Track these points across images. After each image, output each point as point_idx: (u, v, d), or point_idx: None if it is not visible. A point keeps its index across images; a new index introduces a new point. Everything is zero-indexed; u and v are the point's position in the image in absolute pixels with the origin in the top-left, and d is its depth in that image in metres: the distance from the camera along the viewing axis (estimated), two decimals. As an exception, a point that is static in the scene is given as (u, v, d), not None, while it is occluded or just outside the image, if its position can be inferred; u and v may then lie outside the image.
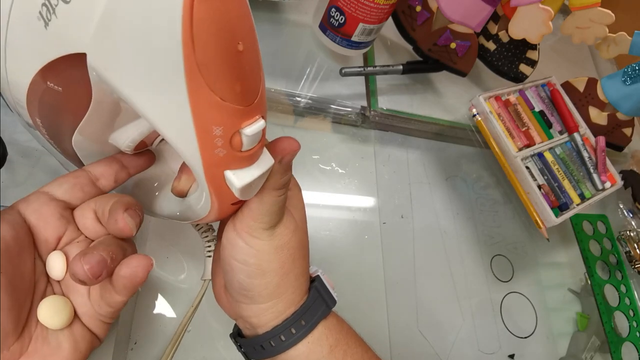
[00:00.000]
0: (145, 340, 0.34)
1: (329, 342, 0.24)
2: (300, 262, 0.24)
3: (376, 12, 0.43)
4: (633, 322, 0.51)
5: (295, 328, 0.23)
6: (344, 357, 0.24)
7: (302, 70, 0.49)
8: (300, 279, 0.24)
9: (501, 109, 0.50)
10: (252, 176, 0.20)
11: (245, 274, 0.23)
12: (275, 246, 0.23)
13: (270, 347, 0.24)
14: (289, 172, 0.23)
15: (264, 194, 0.22)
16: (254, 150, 0.20)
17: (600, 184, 0.51)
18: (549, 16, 0.44)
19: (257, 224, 0.22)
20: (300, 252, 0.24)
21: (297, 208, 0.25)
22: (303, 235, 0.25)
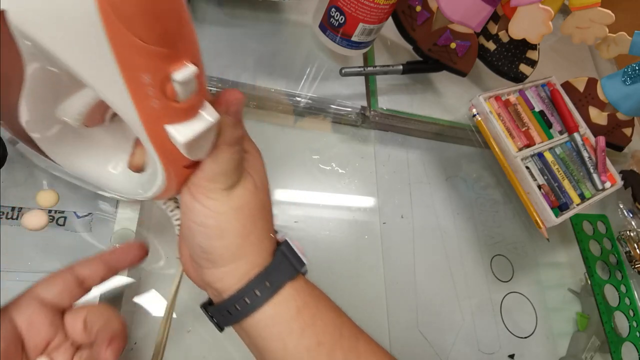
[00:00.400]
0: (145, 340, 0.34)
1: (297, 304, 0.23)
2: (262, 224, 0.24)
3: (376, 12, 0.43)
4: (633, 322, 0.51)
5: (260, 290, 0.23)
6: (312, 320, 0.23)
7: (302, 70, 0.49)
8: (263, 240, 0.24)
9: (501, 109, 0.50)
10: (194, 130, 0.19)
11: (205, 236, 0.23)
12: (233, 207, 0.22)
13: (237, 311, 0.23)
14: (239, 126, 0.22)
15: (217, 152, 0.21)
16: (192, 101, 0.19)
17: (600, 184, 0.51)
18: (549, 16, 0.44)
19: (213, 184, 0.22)
20: (261, 213, 0.24)
21: (256, 170, 0.25)
22: (264, 197, 0.25)
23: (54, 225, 0.35)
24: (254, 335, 0.24)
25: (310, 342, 0.23)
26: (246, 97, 0.45)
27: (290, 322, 0.23)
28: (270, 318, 0.23)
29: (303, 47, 0.51)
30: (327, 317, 0.24)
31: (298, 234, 0.43)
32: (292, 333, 0.23)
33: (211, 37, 0.47)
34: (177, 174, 0.22)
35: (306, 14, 0.52)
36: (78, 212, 0.36)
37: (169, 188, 0.23)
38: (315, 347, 0.23)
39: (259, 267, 0.23)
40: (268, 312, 0.23)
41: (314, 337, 0.23)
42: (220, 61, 0.45)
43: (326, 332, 0.23)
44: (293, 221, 0.43)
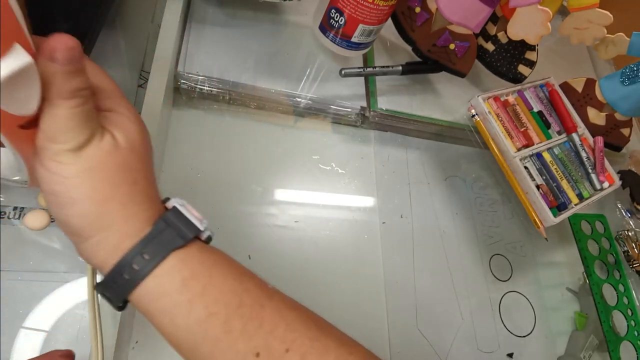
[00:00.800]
0: (146, 340, 0.34)
1: (182, 274, 0.21)
2: (126, 188, 0.21)
3: (376, 13, 0.43)
4: (631, 321, 0.51)
5: (138, 263, 0.21)
6: (202, 290, 0.21)
7: (302, 71, 0.49)
8: (129, 207, 0.21)
9: (500, 109, 0.50)
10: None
11: (57, 205, 0.20)
12: (82, 169, 0.20)
13: (117, 287, 0.21)
14: (74, 75, 0.19)
15: (51, 108, 0.19)
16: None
17: (599, 184, 0.51)
18: (548, 17, 0.45)
19: (56, 145, 0.20)
20: (124, 176, 0.21)
21: (123, 129, 0.22)
22: (130, 158, 0.22)
23: (55, 225, 0.35)
24: (143, 312, 0.22)
25: (200, 314, 0.21)
26: (246, 97, 0.46)
27: (176, 295, 0.21)
28: (153, 292, 0.21)
29: (303, 48, 0.51)
30: (222, 286, 0.22)
31: (298, 234, 0.43)
32: (178, 306, 0.21)
33: (211, 38, 0.47)
34: (18, 138, 0.20)
35: (306, 15, 0.52)
36: (79, 212, 0.36)
37: (28, 160, 0.21)
38: (206, 318, 0.21)
39: (133, 238, 0.21)
40: (150, 285, 0.21)
41: (204, 309, 0.21)
42: (220, 61, 0.45)
43: (220, 303, 0.21)
44: (293, 221, 0.43)
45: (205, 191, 0.42)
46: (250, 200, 0.43)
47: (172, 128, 0.43)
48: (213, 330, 0.21)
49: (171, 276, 0.21)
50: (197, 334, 0.21)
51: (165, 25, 0.43)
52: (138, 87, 0.43)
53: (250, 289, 0.23)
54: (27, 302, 0.33)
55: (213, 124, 0.45)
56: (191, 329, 0.21)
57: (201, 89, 0.43)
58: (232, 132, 0.46)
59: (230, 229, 0.41)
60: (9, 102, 0.18)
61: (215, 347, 0.21)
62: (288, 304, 0.23)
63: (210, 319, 0.21)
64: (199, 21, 0.47)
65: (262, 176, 0.45)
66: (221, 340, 0.21)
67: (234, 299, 0.22)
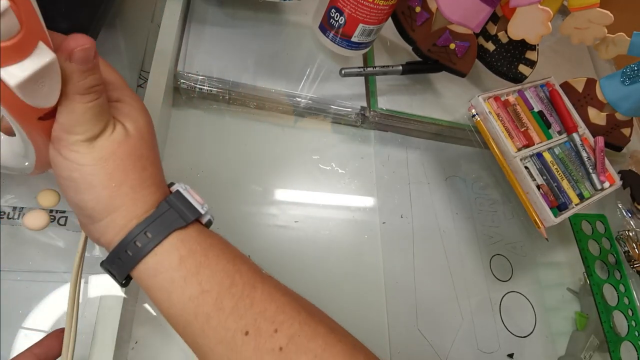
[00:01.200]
0: (145, 340, 0.34)
1: (180, 253, 0.23)
2: (136, 174, 0.23)
3: (376, 12, 0.43)
4: (632, 321, 0.51)
5: (141, 241, 0.22)
6: (197, 269, 0.22)
7: (302, 71, 0.49)
8: (138, 190, 0.23)
9: (500, 109, 0.50)
10: (26, 70, 0.18)
11: (74, 190, 0.22)
12: (97, 158, 0.22)
13: (121, 263, 0.23)
14: (89, 73, 0.21)
15: (68, 103, 0.21)
16: (17, 38, 0.18)
17: (599, 184, 0.51)
18: (548, 17, 0.45)
19: (72, 136, 0.21)
20: (134, 163, 0.23)
21: (131, 119, 0.24)
22: (138, 146, 0.23)
23: (55, 225, 0.35)
24: (143, 287, 0.23)
25: (194, 291, 0.22)
26: (246, 97, 0.46)
27: (172, 272, 0.22)
28: (153, 269, 0.22)
29: (303, 47, 0.51)
30: (216, 266, 0.23)
31: (298, 234, 0.43)
32: (174, 282, 0.22)
33: (211, 37, 0.47)
34: (35, 128, 0.21)
35: (306, 14, 0.52)
36: (79, 212, 0.36)
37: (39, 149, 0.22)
38: (199, 295, 0.22)
39: (138, 219, 0.23)
40: (150, 262, 0.22)
41: (198, 286, 0.22)
42: (220, 61, 0.45)
43: (213, 282, 0.22)
44: (293, 221, 0.43)
45: (205, 191, 0.42)
46: (250, 200, 0.43)
47: (172, 128, 0.43)
48: (205, 307, 0.22)
49: (170, 254, 0.22)
50: (190, 310, 0.22)
51: (165, 25, 0.43)
52: (138, 86, 0.43)
53: (243, 270, 0.24)
54: (27, 302, 0.33)
55: (213, 123, 0.45)
56: (185, 305, 0.22)
57: (201, 88, 0.43)
58: (232, 132, 0.46)
59: (230, 229, 0.41)
60: (34, 96, 0.19)
61: (206, 323, 0.22)
62: (280, 288, 0.24)
63: (202, 296, 0.22)
64: (199, 21, 0.47)
65: (262, 176, 0.44)
66: (212, 317, 0.22)
67: (226, 279, 0.23)
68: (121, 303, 0.31)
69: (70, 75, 0.20)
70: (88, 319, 0.32)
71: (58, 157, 0.22)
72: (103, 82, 0.22)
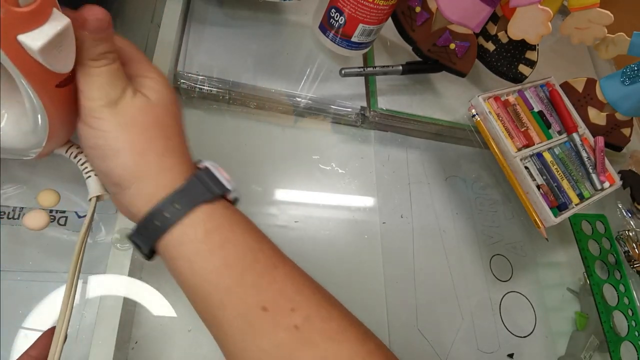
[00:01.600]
0: (145, 340, 0.34)
1: (206, 226, 0.23)
2: (161, 142, 0.24)
3: (376, 12, 0.43)
4: (632, 321, 0.51)
5: (169, 212, 0.23)
6: (222, 243, 0.23)
7: (302, 71, 0.49)
8: (164, 160, 0.24)
9: (500, 109, 0.50)
10: (46, 35, 0.19)
11: (100, 158, 0.23)
12: (119, 123, 0.23)
13: (148, 233, 0.23)
14: (102, 41, 0.22)
15: (83, 69, 0.22)
16: (36, 4, 0.19)
17: (599, 184, 0.51)
18: (548, 17, 0.45)
19: (92, 102, 0.22)
20: (158, 131, 0.24)
21: (154, 90, 0.25)
22: (162, 115, 0.24)
23: (55, 225, 0.35)
24: (166, 257, 0.23)
25: (217, 264, 0.23)
26: (246, 97, 0.46)
27: (197, 243, 0.23)
28: (178, 239, 0.23)
29: (303, 47, 0.51)
30: (241, 242, 0.23)
31: (298, 234, 0.43)
32: (198, 254, 0.23)
33: (211, 37, 0.47)
34: (52, 97, 0.22)
35: (306, 14, 0.52)
36: (79, 212, 0.36)
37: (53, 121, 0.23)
38: (222, 268, 0.22)
39: (167, 189, 0.23)
40: (176, 233, 0.23)
41: (222, 260, 0.23)
42: (220, 61, 0.45)
43: (237, 257, 0.23)
44: (293, 221, 0.43)
45: (205, 191, 0.42)
46: (250, 200, 0.43)
47: (172, 128, 0.43)
48: (227, 281, 0.22)
49: (196, 226, 0.23)
50: (212, 282, 0.22)
51: (165, 25, 0.43)
52: (138, 87, 0.43)
53: (265, 249, 0.24)
54: (27, 302, 0.33)
55: (213, 123, 0.45)
56: (207, 277, 0.23)
57: (201, 88, 0.43)
58: (232, 132, 0.46)
59: (230, 229, 0.41)
60: (54, 61, 0.20)
61: (226, 296, 0.22)
62: (300, 271, 0.25)
63: (225, 269, 0.23)
64: (199, 21, 0.47)
65: (262, 176, 0.44)
66: (232, 291, 0.22)
67: (249, 255, 0.23)
68: (121, 303, 0.31)
69: (83, 43, 0.22)
70: (88, 319, 0.32)
71: (83, 126, 0.23)
72: (116, 50, 0.23)
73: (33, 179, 0.36)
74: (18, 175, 0.36)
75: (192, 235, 0.23)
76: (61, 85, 0.22)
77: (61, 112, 0.23)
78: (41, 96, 0.22)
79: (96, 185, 0.29)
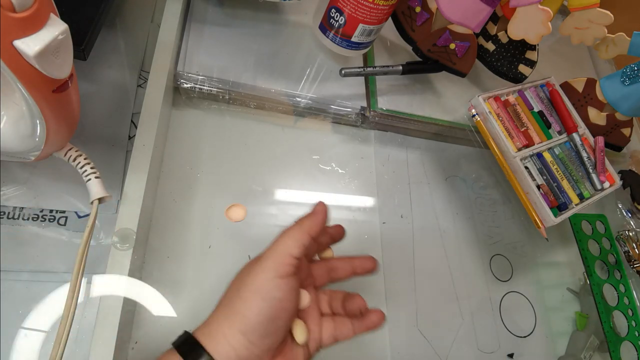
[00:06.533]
0: (145, 340, 0.34)
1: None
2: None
3: (376, 12, 0.43)
4: (632, 321, 0.51)
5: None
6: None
7: (302, 71, 0.49)
8: None
9: (500, 109, 0.50)
10: (43, 41, 0.19)
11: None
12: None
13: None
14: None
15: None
16: (33, 9, 0.19)
17: (599, 184, 0.51)
18: (548, 17, 0.45)
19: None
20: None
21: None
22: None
23: (55, 225, 0.35)
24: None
25: None
26: (246, 97, 0.46)
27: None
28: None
29: (303, 47, 0.51)
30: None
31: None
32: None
33: (211, 37, 0.47)
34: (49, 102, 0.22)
35: (306, 14, 0.52)
36: (79, 212, 0.36)
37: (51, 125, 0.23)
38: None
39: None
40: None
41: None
42: (220, 61, 0.45)
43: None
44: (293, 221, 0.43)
45: (205, 191, 0.42)
46: (250, 200, 0.43)
47: (172, 128, 0.43)
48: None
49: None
50: None
51: (165, 25, 0.43)
52: (138, 87, 0.43)
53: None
54: (27, 302, 0.33)
55: (213, 123, 0.45)
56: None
57: (201, 88, 0.43)
58: (231, 132, 0.46)
59: (230, 229, 0.41)
60: (50, 67, 0.20)
61: None
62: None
63: None
64: (199, 21, 0.47)
65: (262, 176, 0.44)
66: None
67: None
68: (121, 303, 0.31)
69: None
70: (88, 319, 0.32)
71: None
72: None
73: (33, 179, 0.36)
74: (18, 176, 0.36)
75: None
76: (58, 90, 0.22)
77: (59, 116, 0.23)
78: (38, 101, 0.21)
79: (97, 187, 0.29)
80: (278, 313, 0.26)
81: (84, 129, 0.39)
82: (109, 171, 0.38)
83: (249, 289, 0.26)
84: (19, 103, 0.22)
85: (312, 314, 0.30)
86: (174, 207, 0.40)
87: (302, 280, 0.30)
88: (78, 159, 0.29)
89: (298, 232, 0.28)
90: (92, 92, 0.41)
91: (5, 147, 0.26)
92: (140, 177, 0.35)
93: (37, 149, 0.25)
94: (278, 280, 0.26)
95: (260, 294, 0.25)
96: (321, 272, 0.33)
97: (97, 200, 0.29)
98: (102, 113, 0.40)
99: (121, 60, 0.44)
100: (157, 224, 0.38)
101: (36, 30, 0.19)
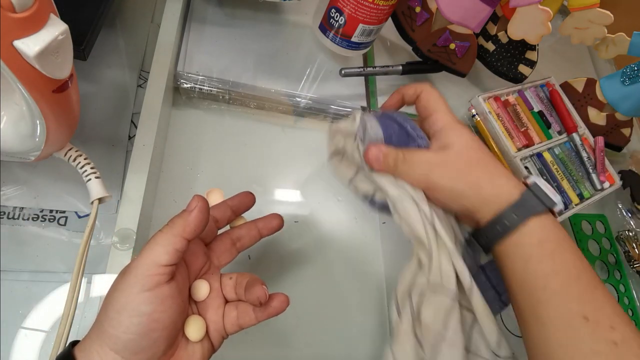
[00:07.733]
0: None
1: (539, 236, 0.27)
2: (485, 173, 0.29)
3: (376, 12, 0.43)
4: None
5: (509, 220, 0.27)
6: (551, 254, 0.27)
7: (302, 71, 0.49)
8: (495, 182, 0.29)
9: (500, 109, 0.50)
10: (43, 41, 0.19)
11: (451, 199, 0.29)
12: (451, 177, 0.29)
13: (489, 235, 0.28)
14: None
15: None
16: (33, 11, 0.19)
17: (599, 184, 0.51)
18: (548, 17, 0.45)
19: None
20: (477, 167, 0.29)
21: (458, 137, 0.30)
22: (472, 155, 0.30)
23: (55, 225, 0.35)
24: (503, 255, 0.28)
25: (547, 269, 0.26)
26: (246, 97, 0.46)
27: (531, 248, 0.27)
28: (515, 243, 0.27)
29: (303, 47, 0.51)
30: (566, 257, 0.27)
31: (298, 234, 0.43)
32: (532, 257, 0.27)
33: (211, 37, 0.47)
34: (49, 102, 0.22)
35: (306, 14, 0.52)
36: (79, 212, 0.36)
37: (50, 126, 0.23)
38: (550, 273, 0.26)
39: (504, 203, 0.28)
40: (514, 237, 0.27)
41: (551, 266, 0.26)
42: (220, 61, 0.45)
43: (564, 267, 0.26)
44: (293, 221, 0.43)
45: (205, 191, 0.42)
46: (250, 200, 0.43)
47: (172, 128, 0.43)
48: (554, 285, 0.26)
49: (531, 234, 0.27)
50: (540, 283, 0.26)
51: (165, 25, 0.43)
52: (138, 87, 0.43)
53: (587, 270, 0.27)
54: (27, 302, 0.33)
55: (213, 123, 0.45)
56: (537, 277, 0.27)
57: (201, 88, 0.43)
58: (231, 131, 0.46)
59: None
60: (50, 67, 0.20)
61: (551, 297, 0.26)
62: (615, 300, 0.27)
63: (552, 274, 0.26)
64: (199, 21, 0.47)
65: (262, 176, 0.44)
66: (558, 295, 0.26)
67: (574, 270, 0.27)
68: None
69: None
70: (88, 319, 0.32)
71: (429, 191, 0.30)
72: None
73: (33, 179, 0.36)
74: (18, 176, 0.36)
75: (527, 241, 0.27)
76: (58, 90, 0.22)
77: (59, 117, 0.23)
78: (38, 101, 0.21)
79: (97, 187, 0.29)
80: (150, 326, 0.23)
81: (84, 129, 0.39)
82: (109, 171, 0.38)
83: (114, 308, 0.23)
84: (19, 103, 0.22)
85: (213, 304, 0.28)
86: (174, 207, 0.40)
87: (199, 269, 0.29)
88: (78, 159, 0.29)
89: (167, 236, 0.25)
90: (92, 92, 0.41)
91: (5, 147, 0.26)
92: (140, 177, 0.35)
93: (37, 149, 0.25)
94: (146, 294, 0.23)
95: (126, 312, 0.23)
96: (226, 247, 0.31)
97: (97, 200, 0.29)
98: (102, 113, 0.40)
99: (121, 60, 0.44)
100: (157, 224, 0.38)
101: (36, 30, 0.19)
